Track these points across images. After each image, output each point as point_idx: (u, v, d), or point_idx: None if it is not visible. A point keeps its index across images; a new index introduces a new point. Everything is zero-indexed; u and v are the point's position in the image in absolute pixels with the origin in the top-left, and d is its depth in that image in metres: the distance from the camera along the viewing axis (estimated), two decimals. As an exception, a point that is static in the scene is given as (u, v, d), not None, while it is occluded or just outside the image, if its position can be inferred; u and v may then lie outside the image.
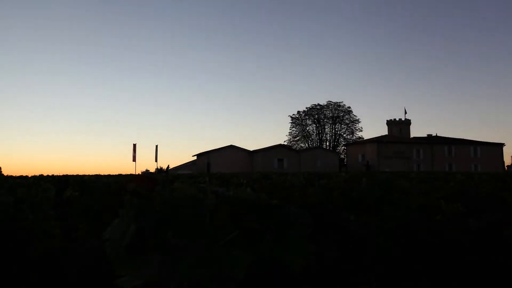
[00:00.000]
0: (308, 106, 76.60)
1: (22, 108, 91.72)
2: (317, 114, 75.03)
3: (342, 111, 74.26)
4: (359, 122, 76.27)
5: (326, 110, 74.90)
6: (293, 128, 76.65)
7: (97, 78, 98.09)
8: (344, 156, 66.10)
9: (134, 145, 42.36)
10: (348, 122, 74.98)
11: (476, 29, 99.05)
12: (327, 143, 74.32)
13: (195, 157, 58.32)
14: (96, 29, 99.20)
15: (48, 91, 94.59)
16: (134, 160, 41.12)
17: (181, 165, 60.23)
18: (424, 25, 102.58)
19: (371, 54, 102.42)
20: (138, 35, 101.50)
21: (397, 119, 71.34)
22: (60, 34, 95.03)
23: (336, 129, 75.35)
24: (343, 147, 70.99)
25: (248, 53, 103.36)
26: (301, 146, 72.98)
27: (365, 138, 66.88)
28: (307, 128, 76.26)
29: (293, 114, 76.49)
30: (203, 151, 54.10)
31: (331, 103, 74.14)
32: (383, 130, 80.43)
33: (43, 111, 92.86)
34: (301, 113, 75.92)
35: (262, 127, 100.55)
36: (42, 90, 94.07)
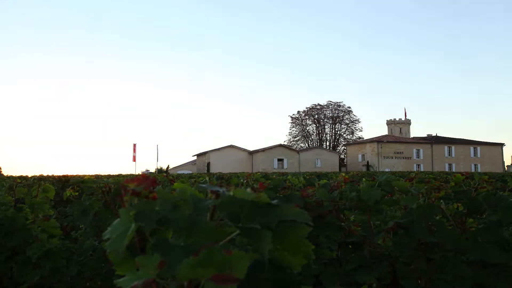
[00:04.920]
0: (308, 106, 76.66)
1: (22, 108, 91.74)
2: (317, 114, 75.01)
3: (342, 111, 74.24)
4: (359, 122, 76.34)
5: (326, 110, 74.88)
6: (293, 128, 76.70)
7: (97, 78, 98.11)
8: (344, 156, 66.05)
9: (134, 145, 42.44)
10: (348, 122, 74.97)
11: (476, 29, 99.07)
12: (327, 143, 74.30)
13: (195, 157, 58.25)
14: (94, 28, 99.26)
15: (48, 91, 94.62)
16: (134, 160, 41.18)
17: (181, 165, 60.21)
18: (424, 26, 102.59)
19: (371, 54, 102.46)
20: (137, 33, 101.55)
21: (397, 119, 71.35)
22: (59, 34, 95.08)
23: (336, 129, 75.36)
24: (343, 147, 70.95)
25: (248, 53, 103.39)
26: (301, 146, 72.94)
27: (365, 138, 66.81)
28: (307, 128, 76.28)
29: (293, 114, 76.54)
30: (203, 151, 54.01)
31: (331, 103, 74.14)
32: (383, 130, 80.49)
33: (43, 111, 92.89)
34: (301, 113, 75.94)
35: (262, 127, 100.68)
36: (42, 90, 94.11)
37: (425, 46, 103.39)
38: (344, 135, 75.50)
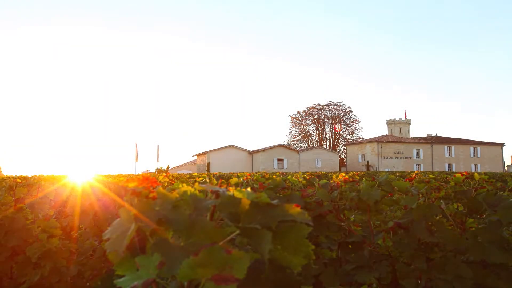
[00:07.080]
0: (308, 106, 76.69)
1: (23, 108, 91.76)
2: (317, 114, 75.02)
3: (342, 111, 74.25)
4: (359, 122, 76.34)
5: (326, 110, 74.89)
6: (293, 128, 76.72)
7: (98, 78, 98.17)
8: (344, 156, 66.03)
9: (136, 145, 42.46)
10: (348, 122, 74.96)
11: (475, 29, 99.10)
12: (327, 143, 74.30)
13: (195, 157, 58.22)
14: (96, 30, 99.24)
15: (48, 90, 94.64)
16: (136, 160, 41.04)
17: (181, 165, 60.22)
18: (424, 26, 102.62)
19: (371, 54, 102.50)
20: (136, 37, 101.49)
21: (397, 119, 71.42)
22: (58, 35, 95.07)
23: (336, 129, 75.33)
24: (343, 147, 70.95)
25: (248, 53, 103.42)
26: (301, 146, 72.96)
27: (365, 138, 66.79)
28: (307, 128, 76.29)
29: (293, 114, 76.61)
30: (203, 151, 53.97)
31: (331, 103, 74.15)
32: (383, 130, 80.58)
33: (44, 111, 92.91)
34: (301, 113, 75.97)
35: (262, 127, 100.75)
36: (42, 89, 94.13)
37: (425, 46, 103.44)
38: (344, 135, 75.57)
